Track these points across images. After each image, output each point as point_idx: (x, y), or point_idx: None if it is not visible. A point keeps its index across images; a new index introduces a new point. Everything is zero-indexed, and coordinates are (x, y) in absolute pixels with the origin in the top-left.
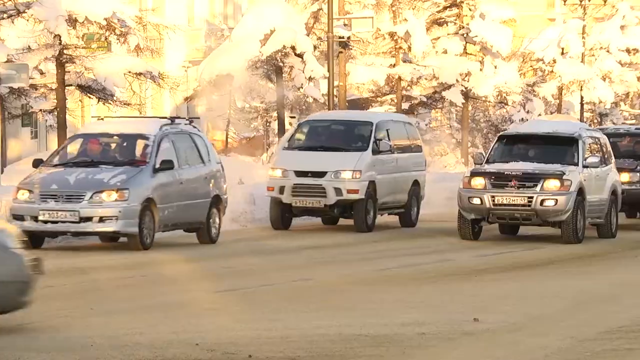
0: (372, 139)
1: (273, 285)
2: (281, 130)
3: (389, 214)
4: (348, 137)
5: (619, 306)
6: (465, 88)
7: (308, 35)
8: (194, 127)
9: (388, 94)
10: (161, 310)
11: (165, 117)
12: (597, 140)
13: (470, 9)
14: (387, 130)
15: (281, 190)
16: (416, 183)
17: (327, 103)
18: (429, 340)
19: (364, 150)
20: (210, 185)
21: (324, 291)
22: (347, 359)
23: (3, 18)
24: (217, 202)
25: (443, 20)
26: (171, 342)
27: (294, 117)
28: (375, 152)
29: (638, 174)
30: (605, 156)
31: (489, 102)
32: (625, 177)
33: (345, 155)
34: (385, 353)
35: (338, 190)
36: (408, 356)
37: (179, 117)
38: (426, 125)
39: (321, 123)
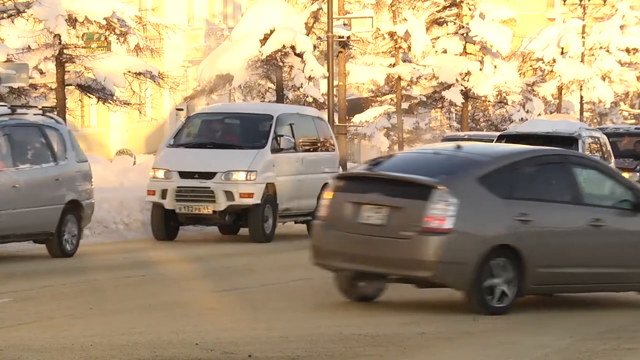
0: (272, 135)
1: (273, 284)
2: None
3: (295, 222)
4: (243, 133)
5: (619, 306)
6: (465, 88)
7: (308, 35)
8: (52, 117)
9: (388, 94)
10: (161, 310)
11: (5, 105)
12: (596, 140)
13: (469, 9)
14: (290, 125)
15: (163, 194)
16: (324, 187)
17: (327, 103)
18: (429, 340)
19: (261, 148)
20: (64, 188)
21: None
22: (347, 359)
23: (3, 18)
24: (75, 208)
25: (443, 20)
26: (171, 342)
27: (182, 110)
28: (276, 150)
29: (638, 173)
30: (605, 156)
31: (488, 101)
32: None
33: (239, 153)
34: (385, 353)
35: (229, 194)
36: (408, 356)
37: (28, 106)
38: (426, 125)
39: (213, 117)
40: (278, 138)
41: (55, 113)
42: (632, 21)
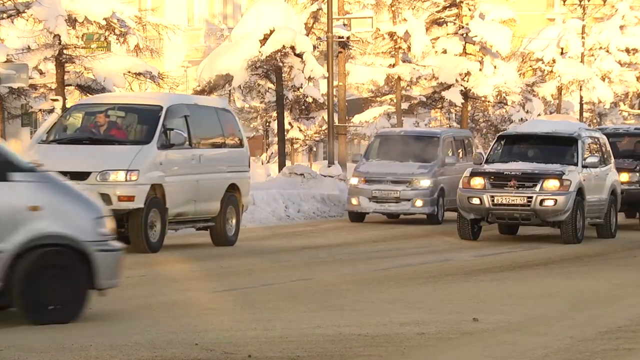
0: (160, 129)
1: (273, 284)
2: (281, 130)
3: (197, 229)
4: (127, 126)
5: (618, 306)
6: (465, 88)
7: (307, 35)
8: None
9: (387, 94)
10: (161, 310)
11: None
12: (596, 140)
13: (469, 9)
14: (185, 117)
15: None
16: (234, 188)
17: (326, 103)
18: (428, 340)
19: (145, 144)
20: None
21: (323, 291)
22: (346, 359)
23: (3, 18)
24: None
25: (442, 20)
26: (170, 342)
27: (57, 100)
28: (165, 146)
29: (637, 174)
30: (605, 156)
31: (488, 102)
32: (624, 177)
33: (119, 150)
34: (385, 353)
35: (106, 198)
36: (407, 356)
37: None
38: (426, 125)
39: (94, 108)
40: (167, 132)
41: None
42: (632, 21)
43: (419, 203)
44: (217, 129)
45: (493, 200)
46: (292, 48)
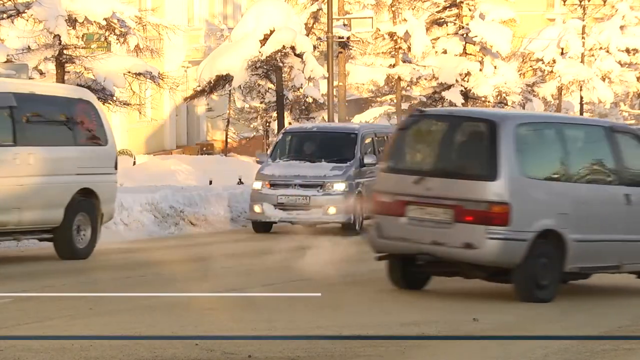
0: None
1: (273, 284)
2: (281, 130)
3: (40, 240)
4: None
5: (618, 306)
6: (465, 88)
7: (308, 36)
8: None
9: (388, 94)
10: (161, 310)
11: None
12: None
13: (469, 9)
14: (10, 108)
15: None
16: (88, 193)
17: (326, 103)
18: (428, 340)
19: None
20: None
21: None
22: (346, 359)
23: (3, 18)
24: None
25: (443, 20)
26: (171, 342)
27: None
28: None
29: None
30: None
31: (488, 102)
32: None
33: None
34: (385, 353)
35: None
36: (408, 356)
37: None
38: None
39: None
40: None
41: None
42: (632, 21)
43: (332, 210)
44: (62, 123)
45: None
46: (292, 48)
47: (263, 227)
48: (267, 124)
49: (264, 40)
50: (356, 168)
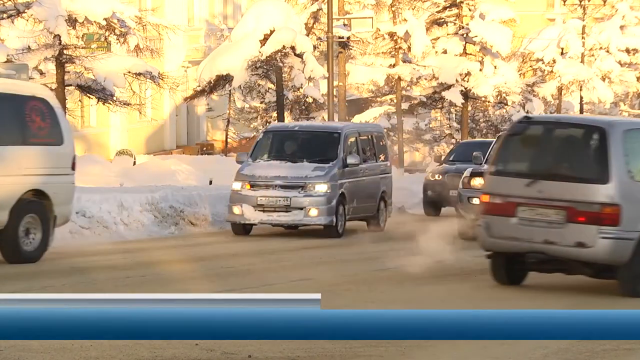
0: None
1: (273, 284)
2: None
3: None
4: None
5: (618, 306)
6: (465, 88)
7: (308, 36)
8: None
9: (388, 94)
10: None
11: None
12: None
13: (469, 9)
14: None
15: None
16: (40, 194)
17: (326, 103)
18: (429, 340)
19: None
20: None
21: (323, 291)
22: (347, 359)
23: (3, 18)
24: None
25: (443, 20)
26: (170, 342)
27: None
28: None
29: None
30: None
31: (488, 102)
32: None
33: None
34: (385, 353)
35: None
36: (408, 356)
37: None
38: (426, 125)
39: None
40: None
41: None
42: (632, 21)
43: (313, 212)
44: (11, 121)
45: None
46: (292, 48)
47: (242, 229)
48: (267, 124)
49: (264, 40)
50: (339, 168)
